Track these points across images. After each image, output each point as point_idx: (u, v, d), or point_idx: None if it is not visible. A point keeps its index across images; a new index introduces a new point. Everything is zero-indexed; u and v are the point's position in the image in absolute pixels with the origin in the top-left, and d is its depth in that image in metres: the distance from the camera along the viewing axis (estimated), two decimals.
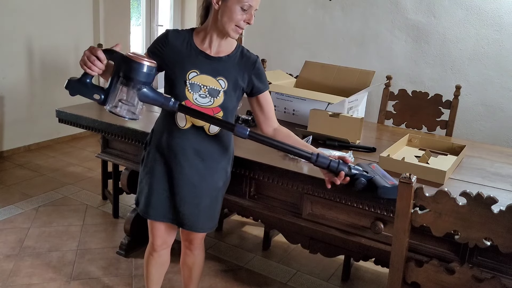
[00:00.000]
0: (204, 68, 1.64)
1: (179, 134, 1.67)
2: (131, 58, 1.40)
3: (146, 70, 1.41)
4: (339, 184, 1.55)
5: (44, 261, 2.58)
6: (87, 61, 1.41)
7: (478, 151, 2.26)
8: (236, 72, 1.66)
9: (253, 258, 2.76)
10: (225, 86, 1.65)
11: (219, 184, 1.76)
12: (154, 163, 1.74)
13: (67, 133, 4.56)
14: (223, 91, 1.64)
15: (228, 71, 1.65)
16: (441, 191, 1.32)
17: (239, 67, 1.67)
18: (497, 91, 3.19)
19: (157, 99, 1.47)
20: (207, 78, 1.64)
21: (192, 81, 1.63)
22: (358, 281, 2.61)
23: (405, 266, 1.44)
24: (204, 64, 1.64)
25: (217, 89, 1.64)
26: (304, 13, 3.81)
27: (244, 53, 1.70)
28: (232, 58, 1.67)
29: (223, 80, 1.65)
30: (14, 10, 3.94)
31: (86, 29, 4.61)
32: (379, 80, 3.04)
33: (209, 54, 1.65)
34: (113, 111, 1.45)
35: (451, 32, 3.28)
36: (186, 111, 1.54)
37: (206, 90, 1.63)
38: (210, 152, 1.70)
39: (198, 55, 1.65)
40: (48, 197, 3.36)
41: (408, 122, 2.82)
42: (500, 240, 1.28)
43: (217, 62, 1.65)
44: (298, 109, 2.54)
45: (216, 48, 1.66)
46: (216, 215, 1.81)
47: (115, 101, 1.44)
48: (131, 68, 1.40)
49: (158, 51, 1.67)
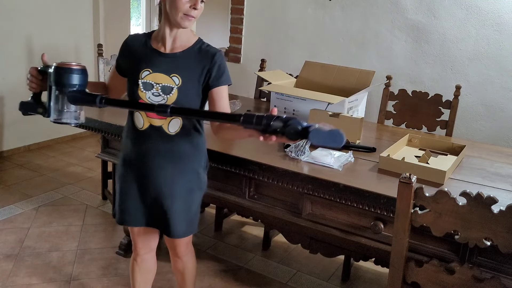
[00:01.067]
0: (157, 66, 1.62)
1: (139, 136, 1.66)
2: (58, 65, 1.44)
3: (73, 73, 1.43)
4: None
5: (44, 261, 2.58)
6: (28, 82, 1.52)
7: (478, 151, 2.26)
8: (193, 68, 1.62)
9: (253, 258, 2.76)
10: (179, 83, 1.60)
11: (191, 187, 1.72)
12: (123, 168, 1.73)
13: (67, 133, 4.56)
14: (176, 88, 1.60)
15: (183, 67, 1.62)
16: (441, 191, 1.32)
17: (196, 62, 1.63)
18: (497, 91, 3.19)
19: (84, 99, 1.45)
20: (160, 76, 1.61)
21: (145, 80, 1.61)
22: (358, 281, 2.61)
23: (405, 266, 1.44)
24: (157, 62, 1.62)
25: (170, 86, 1.60)
26: (304, 13, 3.81)
27: (202, 48, 1.65)
28: (189, 53, 1.64)
29: (177, 77, 1.60)
30: (13, 10, 3.94)
31: (86, 29, 4.61)
32: (379, 80, 3.04)
33: (162, 52, 1.63)
34: (57, 121, 1.49)
35: (451, 32, 3.27)
36: (112, 103, 1.49)
37: (159, 88, 1.60)
38: (175, 153, 1.67)
39: (152, 54, 1.64)
40: (48, 197, 3.36)
41: (408, 122, 2.82)
42: (500, 240, 1.27)
43: (172, 59, 1.62)
44: (298, 109, 2.54)
45: (171, 44, 1.64)
46: (193, 219, 1.76)
47: (56, 111, 1.48)
48: (59, 75, 1.44)
49: (120, 58, 1.72)
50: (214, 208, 3.11)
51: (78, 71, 1.44)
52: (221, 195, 2.07)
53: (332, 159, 1.92)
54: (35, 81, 1.52)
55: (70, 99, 1.44)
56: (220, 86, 1.65)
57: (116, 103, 1.55)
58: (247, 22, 4.11)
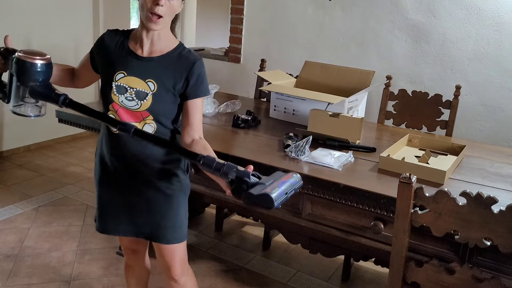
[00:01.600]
0: (133, 69, 1.52)
1: (114, 139, 1.57)
2: (20, 58, 1.32)
3: (37, 68, 1.32)
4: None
5: (44, 261, 2.58)
6: None
7: (478, 151, 2.26)
8: (170, 74, 1.52)
9: (253, 258, 2.76)
10: (155, 89, 1.51)
11: (171, 190, 1.62)
12: (99, 173, 1.67)
13: (67, 133, 4.56)
14: (151, 94, 1.51)
15: (160, 73, 1.52)
16: (441, 191, 1.32)
17: (174, 68, 1.53)
18: (497, 91, 3.19)
19: (46, 95, 1.35)
20: (134, 80, 1.51)
21: (119, 83, 1.52)
22: (358, 281, 2.61)
23: (405, 266, 1.44)
24: (133, 65, 1.53)
25: (144, 91, 1.51)
26: (304, 13, 3.81)
27: (182, 54, 1.55)
28: (167, 59, 1.54)
29: (152, 82, 1.51)
30: (13, 9, 3.94)
31: (86, 29, 4.60)
32: (379, 80, 3.04)
33: (139, 55, 1.54)
34: (16, 111, 1.39)
35: (451, 32, 3.27)
36: (75, 107, 1.35)
37: (133, 93, 1.51)
38: (150, 156, 1.57)
39: (128, 56, 1.54)
40: (48, 197, 3.36)
41: (408, 122, 2.82)
42: (500, 240, 1.28)
43: (148, 63, 1.53)
44: (298, 109, 2.54)
45: (149, 47, 1.54)
46: (179, 224, 1.65)
47: (16, 100, 1.38)
48: (21, 68, 1.32)
49: (94, 53, 1.62)
50: (214, 208, 3.11)
51: (42, 66, 1.33)
52: (221, 195, 2.07)
53: (332, 159, 1.92)
54: None
55: (32, 94, 1.34)
56: (197, 98, 1.56)
57: (80, 108, 1.37)
58: (247, 22, 4.11)
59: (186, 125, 1.56)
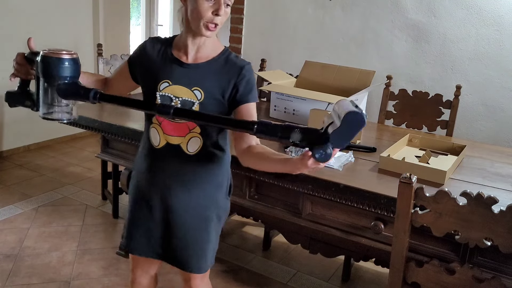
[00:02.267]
0: (178, 78, 1.44)
1: (155, 155, 1.49)
2: (45, 54, 1.25)
3: (64, 64, 1.24)
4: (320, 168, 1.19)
5: (43, 261, 2.58)
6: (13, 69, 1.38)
7: (479, 151, 2.26)
8: (217, 81, 1.44)
9: (253, 259, 2.75)
10: (202, 97, 1.43)
11: (208, 215, 1.54)
12: (135, 190, 1.58)
13: (67, 133, 4.56)
14: (198, 103, 1.43)
15: (206, 79, 1.44)
16: (442, 191, 1.31)
17: (221, 75, 1.45)
18: (498, 91, 3.19)
19: (75, 92, 1.27)
20: (180, 89, 1.44)
21: (163, 93, 1.44)
22: (359, 281, 2.60)
23: (406, 266, 1.44)
24: (178, 73, 1.45)
25: (191, 100, 1.43)
26: (304, 13, 3.81)
27: (229, 59, 1.47)
28: (213, 65, 1.46)
29: (199, 91, 1.43)
30: (13, 9, 3.94)
31: (86, 29, 4.60)
32: (379, 80, 3.04)
33: (184, 62, 1.45)
34: (47, 116, 1.32)
35: (452, 32, 3.27)
36: (108, 99, 1.27)
37: (179, 102, 1.43)
38: (192, 177, 1.49)
39: (172, 64, 1.46)
40: (48, 197, 3.35)
41: (409, 122, 2.82)
42: (501, 240, 1.27)
43: (194, 70, 1.45)
44: (298, 109, 2.54)
45: (194, 53, 1.46)
46: (208, 252, 1.56)
47: (45, 106, 1.31)
48: (47, 66, 1.25)
49: (134, 62, 1.53)
50: None
51: (69, 61, 1.25)
52: None
53: (332, 159, 1.91)
54: (21, 70, 1.37)
55: (60, 93, 1.26)
56: (249, 103, 1.46)
57: (113, 99, 1.30)
58: (247, 22, 4.11)
59: (240, 133, 1.44)
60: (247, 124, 1.14)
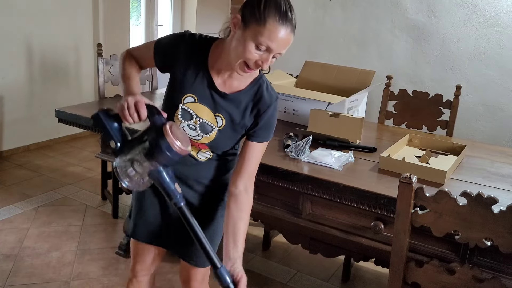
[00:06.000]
0: (205, 97, 1.39)
1: None
2: (165, 135, 1.20)
3: (172, 155, 1.22)
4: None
5: (43, 261, 2.58)
6: (126, 109, 1.25)
7: (479, 151, 2.26)
8: (241, 111, 1.40)
9: (253, 259, 2.75)
10: (222, 125, 1.40)
11: (215, 215, 1.56)
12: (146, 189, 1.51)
13: (67, 133, 4.55)
14: (217, 130, 1.40)
15: (232, 109, 1.39)
16: (442, 191, 1.31)
17: (248, 108, 1.40)
18: (498, 91, 3.19)
19: (166, 187, 1.27)
20: (204, 109, 1.39)
21: (186, 107, 1.39)
22: (359, 281, 2.60)
23: (405, 267, 1.44)
24: (206, 93, 1.39)
25: (210, 125, 1.40)
26: (304, 13, 3.81)
27: (259, 92, 1.40)
28: (243, 96, 1.40)
29: (221, 118, 1.39)
30: (13, 9, 3.93)
31: (86, 29, 4.60)
32: (379, 80, 3.03)
33: (215, 84, 1.39)
34: (119, 170, 1.27)
35: (452, 32, 3.27)
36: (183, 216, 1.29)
37: (198, 122, 1.39)
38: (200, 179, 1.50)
39: (203, 80, 1.39)
40: (48, 197, 3.35)
41: (409, 122, 2.81)
42: (501, 240, 1.27)
43: (222, 97, 1.39)
44: (298, 109, 2.53)
45: (227, 77, 1.39)
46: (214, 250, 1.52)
47: (125, 162, 1.27)
48: (159, 145, 1.21)
49: (168, 56, 1.42)
50: None
51: (176, 154, 1.22)
52: None
53: (332, 159, 1.92)
54: (135, 120, 1.25)
55: (152, 174, 1.25)
56: (257, 142, 1.43)
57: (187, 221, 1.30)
58: None
59: (240, 168, 1.43)
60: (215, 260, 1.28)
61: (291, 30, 1.27)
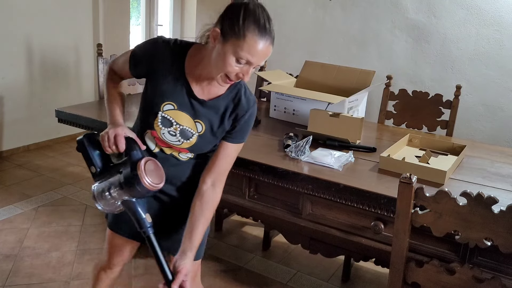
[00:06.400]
0: (184, 105, 1.40)
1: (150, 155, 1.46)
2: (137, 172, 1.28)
3: (142, 191, 1.30)
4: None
5: (43, 261, 2.58)
6: (105, 141, 1.35)
7: (479, 151, 2.26)
8: (220, 116, 1.43)
9: (253, 259, 2.75)
10: (202, 130, 1.42)
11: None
12: None
13: (67, 133, 4.55)
14: (197, 135, 1.42)
15: (212, 116, 1.42)
16: (442, 191, 1.31)
17: (226, 111, 1.42)
18: (498, 91, 3.19)
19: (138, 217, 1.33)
20: (183, 116, 1.40)
21: (165, 115, 1.40)
22: (359, 281, 2.60)
23: (406, 267, 1.44)
24: (185, 99, 1.40)
25: (190, 131, 1.41)
26: (304, 13, 3.81)
27: (238, 96, 1.43)
28: (222, 102, 1.42)
29: (200, 124, 1.41)
30: (13, 9, 3.93)
31: (86, 29, 4.60)
32: (379, 80, 3.03)
33: (194, 92, 1.40)
34: (96, 193, 1.38)
35: (452, 32, 3.27)
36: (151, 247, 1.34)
37: (178, 129, 1.41)
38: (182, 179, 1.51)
39: (182, 88, 1.39)
40: (48, 197, 3.35)
41: (409, 122, 2.81)
42: (501, 240, 1.27)
43: (202, 104, 1.41)
44: (298, 109, 2.53)
45: (206, 84, 1.41)
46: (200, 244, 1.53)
47: (102, 187, 1.36)
48: (130, 180, 1.29)
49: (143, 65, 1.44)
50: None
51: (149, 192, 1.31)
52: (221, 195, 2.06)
53: (332, 159, 1.92)
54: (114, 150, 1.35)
55: (124, 204, 1.33)
56: (230, 143, 1.46)
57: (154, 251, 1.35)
58: None
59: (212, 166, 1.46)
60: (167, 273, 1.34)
61: (270, 42, 1.29)
